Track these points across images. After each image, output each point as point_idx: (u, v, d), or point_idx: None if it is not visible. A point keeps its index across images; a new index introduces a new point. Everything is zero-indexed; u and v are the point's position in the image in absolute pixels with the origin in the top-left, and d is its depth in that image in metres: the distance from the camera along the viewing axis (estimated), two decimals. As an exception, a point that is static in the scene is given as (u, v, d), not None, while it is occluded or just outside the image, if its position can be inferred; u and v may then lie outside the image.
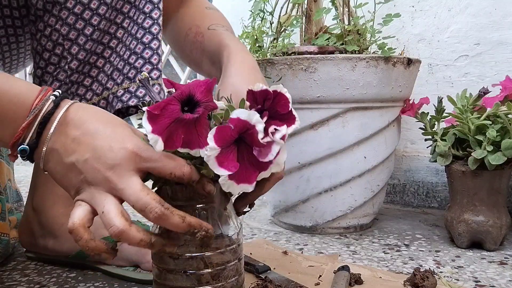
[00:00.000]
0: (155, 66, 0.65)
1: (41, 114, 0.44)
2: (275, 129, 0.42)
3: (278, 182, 0.53)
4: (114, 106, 0.65)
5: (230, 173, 0.41)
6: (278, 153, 0.43)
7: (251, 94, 0.43)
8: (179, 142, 0.41)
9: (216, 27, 0.72)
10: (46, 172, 0.47)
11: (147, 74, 0.48)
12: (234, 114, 0.41)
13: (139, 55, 0.64)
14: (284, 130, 0.43)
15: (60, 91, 0.46)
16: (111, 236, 0.42)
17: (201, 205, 0.47)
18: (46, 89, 0.46)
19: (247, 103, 0.44)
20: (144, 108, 0.40)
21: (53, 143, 0.44)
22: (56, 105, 0.45)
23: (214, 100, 0.42)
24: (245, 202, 0.52)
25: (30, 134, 0.44)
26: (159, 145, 0.40)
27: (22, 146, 0.44)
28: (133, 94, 0.65)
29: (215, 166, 0.41)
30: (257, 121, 0.41)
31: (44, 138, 0.45)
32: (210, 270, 0.47)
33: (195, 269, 0.47)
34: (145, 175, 0.45)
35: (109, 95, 0.66)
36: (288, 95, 0.44)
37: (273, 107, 0.44)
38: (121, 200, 0.43)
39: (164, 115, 0.40)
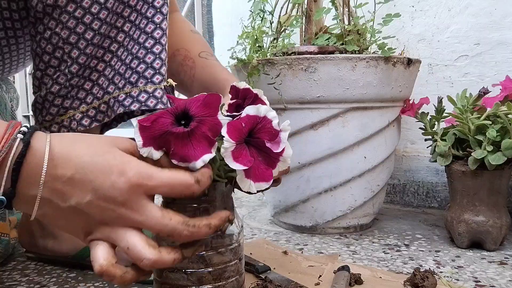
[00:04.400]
0: (157, 71, 0.63)
1: (10, 158, 0.38)
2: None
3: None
4: (115, 111, 0.64)
5: (245, 167, 0.42)
6: (284, 150, 0.45)
7: (234, 89, 0.47)
8: (172, 156, 0.41)
9: (207, 56, 0.78)
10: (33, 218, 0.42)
11: (172, 82, 0.47)
12: (244, 113, 0.43)
13: (141, 60, 0.63)
14: (286, 123, 0.46)
15: (28, 126, 0.40)
16: (145, 268, 0.41)
17: (203, 205, 0.47)
18: (13, 125, 0.40)
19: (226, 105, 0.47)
20: (135, 120, 0.41)
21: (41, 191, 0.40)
22: (26, 143, 0.39)
23: (219, 114, 0.43)
24: None
25: (3, 183, 0.38)
26: (156, 154, 0.41)
27: None
28: (135, 99, 0.63)
29: (231, 161, 0.41)
30: (266, 110, 0.43)
31: (23, 185, 0.39)
32: (210, 270, 0.48)
33: (196, 269, 0.47)
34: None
35: (110, 99, 0.65)
36: (267, 101, 0.47)
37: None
38: (139, 229, 0.42)
39: (155, 128, 0.40)
